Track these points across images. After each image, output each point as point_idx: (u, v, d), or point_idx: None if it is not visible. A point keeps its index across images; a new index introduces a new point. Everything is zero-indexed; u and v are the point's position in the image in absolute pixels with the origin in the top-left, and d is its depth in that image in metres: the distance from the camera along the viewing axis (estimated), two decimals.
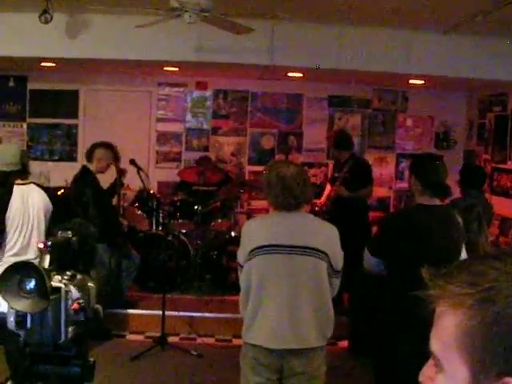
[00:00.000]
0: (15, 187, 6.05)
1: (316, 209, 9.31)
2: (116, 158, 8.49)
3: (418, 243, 4.86)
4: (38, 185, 6.60)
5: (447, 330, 1.33)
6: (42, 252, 2.42)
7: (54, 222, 6.26)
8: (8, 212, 5.98)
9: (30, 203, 6.11)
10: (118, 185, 8.69)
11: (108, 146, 8.40)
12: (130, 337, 8.56)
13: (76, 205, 8.06)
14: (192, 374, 7.43)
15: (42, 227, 6.21)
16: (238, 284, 4.84)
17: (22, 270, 2.27)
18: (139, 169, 9.29)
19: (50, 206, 6.36)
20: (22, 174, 6.16)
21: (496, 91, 10.81)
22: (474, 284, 1.29)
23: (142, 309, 8.93)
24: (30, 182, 6.33)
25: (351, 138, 9.80)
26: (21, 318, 2.33)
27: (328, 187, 9.75)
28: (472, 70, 9.12)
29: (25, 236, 6.08)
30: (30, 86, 11.85)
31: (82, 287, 2.43)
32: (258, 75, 11.35)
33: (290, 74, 10.68)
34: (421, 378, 1.44)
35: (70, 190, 8.69)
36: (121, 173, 8.77)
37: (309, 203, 4.72)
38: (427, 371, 1.42)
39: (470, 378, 1.29)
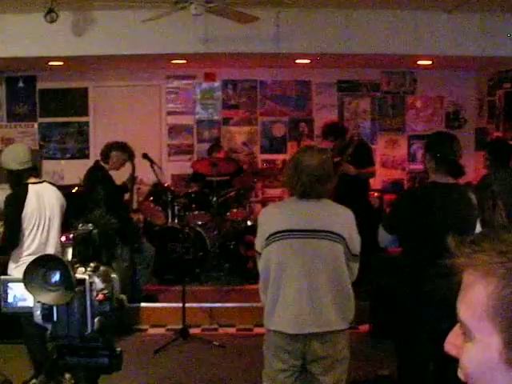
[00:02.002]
0: (30, 187, 6.09)
1: None
2: (130, 157, 8.54)
3: (431, 220, 4.88)
4: (51, 183, 6.65)
5: (478, 299, 1.32)
6: (64, 245, 2.44)
7: (70, 217, 6.29)
8: (24, 212, 6.02)
9: (45, 202, 6.15)
10: (131, 182, 8.73)
11: (124, 149, 8.47)
12: (152, 330, 8.58)
13: (88, 200, 8.11)
14: (215, 364, 7.45)
15: (59, 224, 6.25)
16: (256, 272, 4.85)
17: (46, 263, 2.29)
18: (152, 162, 9.33)
19: (64, 202, 6.40)
20: (34, 171, 6.23)
21: (505, 68, 10.76)
22: (505, 252, 1.29)
23: (162, 302, 8.96)
24: (43, 181, 6.39)
25: (343, 125, 9.94)
26: (47, 311, 2.34)
27: None
28: (479, 47, 9.10)
29: (41, 235, 6.11)
30: (40, 85, 11.89)
31: (105, 278, 2.45)
32: (265, 64, 11.35)
33: (297, 61, 10.67)
34: (447, 347, 1.43)
35: (83, 185, 8.78)
36: (134, 178, 8.82)
37: (320, 198, 4.64)
38: (454, 339, 1.42)
39: (503, 346, 1.29)
